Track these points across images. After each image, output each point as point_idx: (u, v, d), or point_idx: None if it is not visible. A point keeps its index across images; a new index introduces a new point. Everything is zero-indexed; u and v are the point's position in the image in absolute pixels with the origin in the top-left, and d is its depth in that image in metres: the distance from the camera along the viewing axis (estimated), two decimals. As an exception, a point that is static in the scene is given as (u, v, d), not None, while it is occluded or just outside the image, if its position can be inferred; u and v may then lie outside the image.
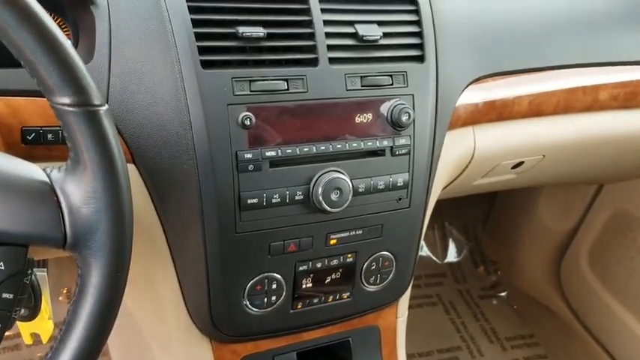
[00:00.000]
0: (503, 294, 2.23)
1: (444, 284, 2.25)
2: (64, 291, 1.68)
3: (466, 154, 1.17)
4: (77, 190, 0.59)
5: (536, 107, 1.17)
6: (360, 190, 0.95)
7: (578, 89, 1.20)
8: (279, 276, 0.97)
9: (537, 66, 1.16)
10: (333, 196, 0.91)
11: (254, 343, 1.04)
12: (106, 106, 0.59)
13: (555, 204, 2.07)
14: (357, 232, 0.99)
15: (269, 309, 0.98)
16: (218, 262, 0.92)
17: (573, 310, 2.07)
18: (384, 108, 0.95)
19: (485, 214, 2.32)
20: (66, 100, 0.56)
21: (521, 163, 1.32)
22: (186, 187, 0.88)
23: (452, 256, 2.32)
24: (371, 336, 1.14)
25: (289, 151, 0.89)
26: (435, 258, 2.32)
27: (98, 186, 0.59)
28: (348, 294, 1.04)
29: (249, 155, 0.87)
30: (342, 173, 0.92)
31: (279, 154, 0.89)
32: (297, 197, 0.91)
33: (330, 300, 1.03)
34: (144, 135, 0.87)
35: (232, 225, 0.90)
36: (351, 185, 0.92)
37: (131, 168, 0.90)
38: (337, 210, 0.93)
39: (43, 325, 0.90)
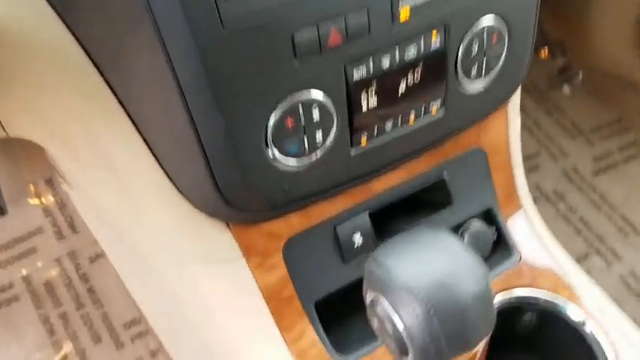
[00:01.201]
0: (576, 78, 1.79)
1: (501, 82, 1.80)
2: (32, 189, 1.30)
3: None
4: None
5: None
6: None
7: None
8: (320, 94, 0.53)
9: None
10: None
11: (300, 214, 0.64)
12: None
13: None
14: (445, -11, 0.53)
15: (314, 155, 0.56)
16: (204, 93, 0.48)
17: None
18: None
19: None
20: None
21: None
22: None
23: (504, 45, 1.85)
24: (475, 164, 0.73)
25: None
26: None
27: None
28: (438, 104, 0.61)
29: None
30: None
31: None
32: None
33: (412, 121, 0.61)
34: None
35: (212, 11, 0.44)
36: None
37: None
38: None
39: None
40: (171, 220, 0.63)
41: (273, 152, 0.54)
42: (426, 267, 0.46)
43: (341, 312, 0.70)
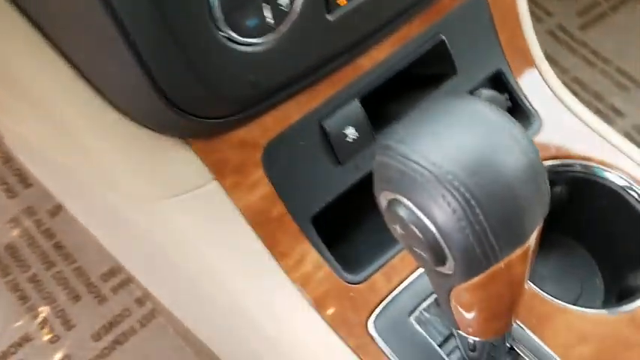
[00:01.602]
0: None
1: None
2: (-32, 147, 1.14)
3: None
4: None
5: None
6: None
7: None
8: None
9: None
10: None
11: (276, 113, 0.50)
12: None
13: None
14: None
15: (281, 28, 0.43)
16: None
17: None
18: None
19: None
20: None
21: None
22: None
23: None
24: (476, 18, 0.59)
25: None
26: None
27: None
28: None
29: None
30: None
31: None
32: None
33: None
34: None
35: None
36: None
37: None
38: None
39: None
40: (117, 148, 0.50)
41: (226, 31, 0.40)
42: (454, 144, 0.34)
43: (342, 224, 0.58)
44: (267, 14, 0.41)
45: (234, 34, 0.41)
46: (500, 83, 0.63)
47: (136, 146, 0.48)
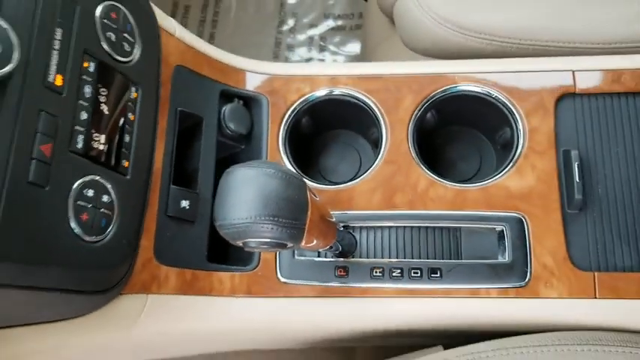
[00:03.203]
0: None
1: None
2: None
3: None
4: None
5: None
6: None
7: None
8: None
9: None
10: None
11: (143, 236, 0.76)
12: None
13: None
14: None
15: (117, 205, 0.68)
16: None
17: None
18: None
19: None
20: None
21: None
22: None
23: None
24: (192, 82, 0.85)
25: None
26: None
27: None
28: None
29: None
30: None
31: None
32: None
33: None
34: None
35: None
36: None
37: None
38: None
39: None
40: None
41: (90, 237, 0.65)
42: (247, 201, 0.63)
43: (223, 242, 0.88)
44: (104, 211, 0.67)
45: (94, 237, 0.66)
46: (231, 96, 0.91)
47: (100, 320, 0.73)
